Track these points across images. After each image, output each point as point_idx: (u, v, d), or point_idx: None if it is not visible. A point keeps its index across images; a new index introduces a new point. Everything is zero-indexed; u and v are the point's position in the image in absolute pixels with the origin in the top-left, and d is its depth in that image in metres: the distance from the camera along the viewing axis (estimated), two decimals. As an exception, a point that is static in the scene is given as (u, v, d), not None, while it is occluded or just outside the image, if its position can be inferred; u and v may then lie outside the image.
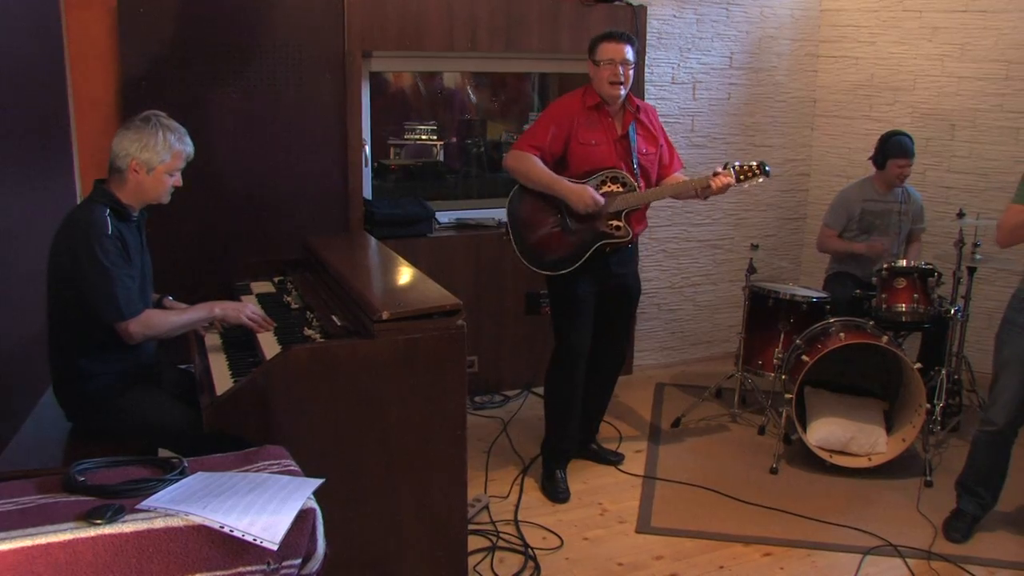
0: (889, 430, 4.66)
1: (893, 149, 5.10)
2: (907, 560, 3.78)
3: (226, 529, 1.90)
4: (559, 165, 4.09)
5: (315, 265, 3.86)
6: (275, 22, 4.52)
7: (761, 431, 5.04)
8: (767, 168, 4.05)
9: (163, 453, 3.10)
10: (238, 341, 3.36)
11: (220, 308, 3.30)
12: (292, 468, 2.27)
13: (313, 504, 2.08)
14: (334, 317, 3.17)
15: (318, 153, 4.75)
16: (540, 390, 4.65)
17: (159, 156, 3.08)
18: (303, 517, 2.03)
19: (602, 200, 4.01)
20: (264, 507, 1.97)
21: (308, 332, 3.17)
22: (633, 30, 5.31)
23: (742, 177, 4.03)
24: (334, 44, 4.67)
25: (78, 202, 3.84)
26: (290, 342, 3.07)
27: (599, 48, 4.06)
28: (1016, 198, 3.74)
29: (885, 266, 4.71)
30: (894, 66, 6.01)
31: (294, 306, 3.59)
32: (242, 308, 3.34)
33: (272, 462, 2.28)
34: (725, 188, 4.02)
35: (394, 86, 6.07)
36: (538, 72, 6.02)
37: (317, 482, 2.14)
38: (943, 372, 4.81)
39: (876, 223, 5.23)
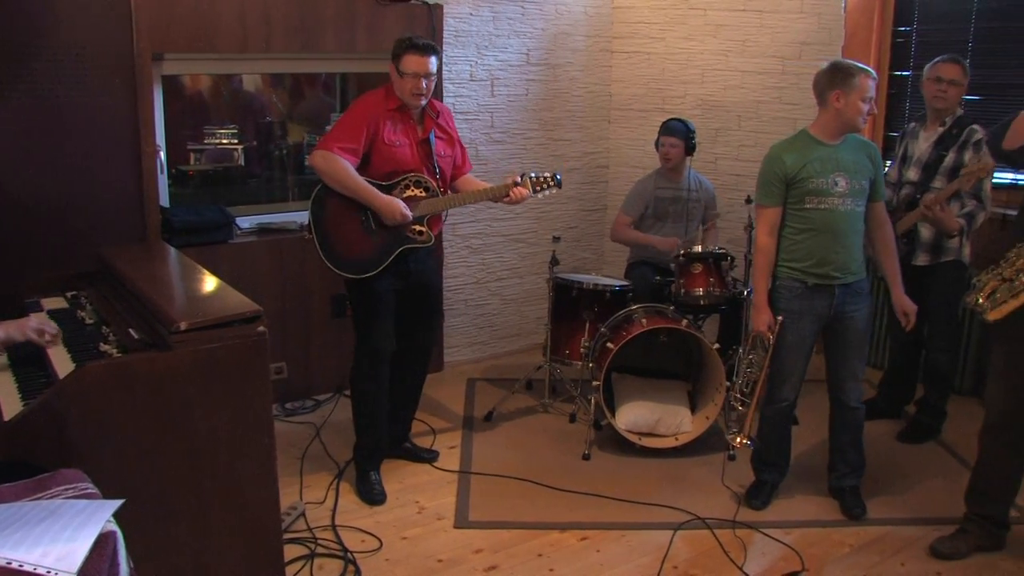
0: (693, 410, 4.86)
1: (661, 131, 5.47)
2: (714, 531, 3.97)
3: (14, 565, 1.79)
4: (360, 163, 4.08)
5: (110, 278, 3.70)
6: (56, 22, 4.27)
7: (572, 419, 5.17)
8: (559, 178, 4.28)
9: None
10: (27, 358, 3.19)
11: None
12: (90, 491, 2.18)
13: (113, 527, 2.00)
14: (131, 331, 3.06)
15: (110, 161, 4.53)
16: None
17: None
18: (102, 542, 1.94)
19: (411, 215, 4.05)
20: (58, 535, 1.87)
21: (104, 348, 3.04)
22: (429, 28, 5.34)
23: (538, 188, 4.25)
24: (122, 46, 4.45)
25: None
26: (85, 359, 2.94)
27: (403, 59, 4.03)
28: (765, 199, 4.02)
29: (682, 253, 4.90)
30: (683, 61, 6.26)
31: (89, 321, 3.43)
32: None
33: (68, 487, 2.18)
34: (523, 199, 4.22)
35: (191, 89, 5.87)
36: (337, 72, 5.96)
37: (116, 503, 2.06)
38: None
39: (670, 210, 5.45)
